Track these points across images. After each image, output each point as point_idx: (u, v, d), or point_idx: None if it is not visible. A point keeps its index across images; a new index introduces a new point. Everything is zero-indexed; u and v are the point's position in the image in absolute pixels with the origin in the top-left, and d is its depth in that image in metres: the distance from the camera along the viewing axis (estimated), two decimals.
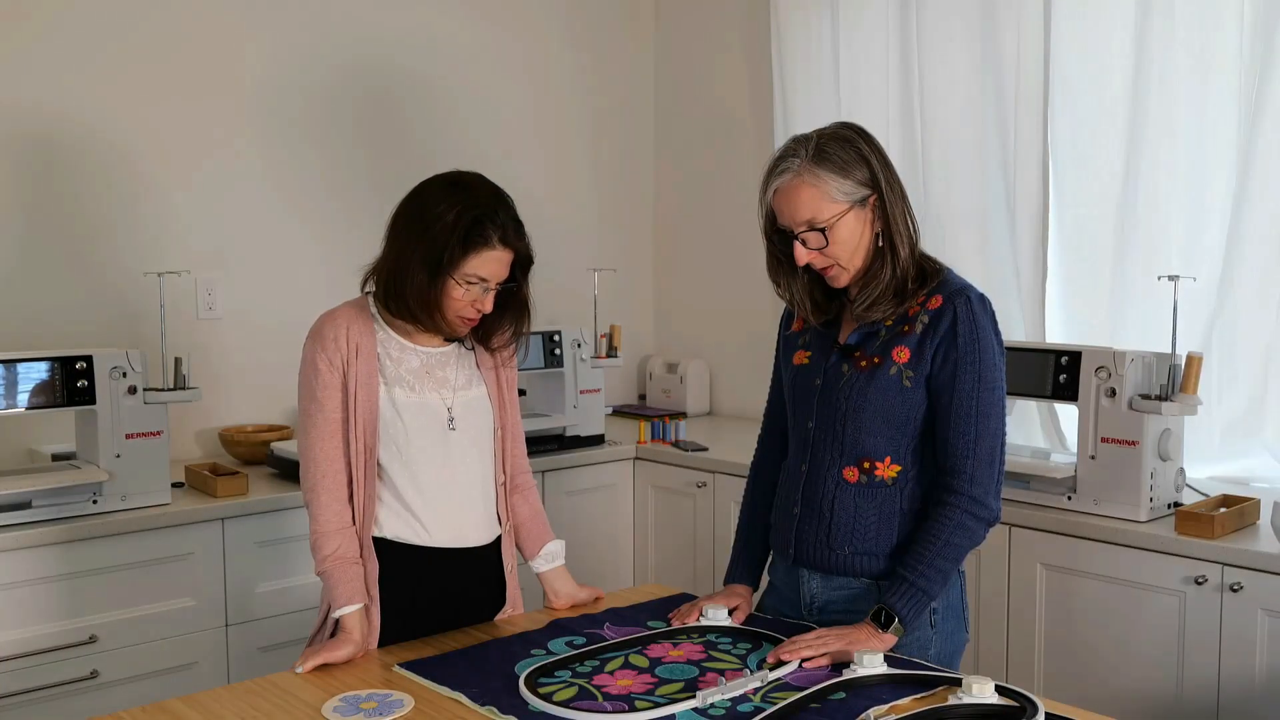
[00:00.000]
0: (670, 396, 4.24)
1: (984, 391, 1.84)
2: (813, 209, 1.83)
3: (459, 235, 1.90)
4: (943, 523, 1.84)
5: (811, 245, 1.85)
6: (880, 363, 1.87)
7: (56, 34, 3.12)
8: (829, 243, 1.84)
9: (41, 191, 3.13)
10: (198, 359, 3.17)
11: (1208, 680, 2.43)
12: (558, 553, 2.16)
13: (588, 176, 4.29)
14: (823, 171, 1.83)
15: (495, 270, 1.95)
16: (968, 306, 1.85)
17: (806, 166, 1.83)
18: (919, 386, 1.86)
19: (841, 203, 1.83)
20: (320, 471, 1.96)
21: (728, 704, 1.64)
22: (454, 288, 1.93)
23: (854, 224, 1.85)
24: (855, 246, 1.86)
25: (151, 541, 2.70)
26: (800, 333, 2.02)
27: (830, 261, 1.87)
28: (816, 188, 1.83)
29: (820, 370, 1.94)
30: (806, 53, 3.77)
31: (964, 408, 1.84)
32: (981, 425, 1.84)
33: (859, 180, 1.84)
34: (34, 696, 2.56)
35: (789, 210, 1.85)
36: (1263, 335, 2.88)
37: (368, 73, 3.68)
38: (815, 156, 1.84)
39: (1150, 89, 2.99)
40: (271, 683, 1.79)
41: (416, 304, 1.94)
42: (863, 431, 1.88)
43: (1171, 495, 2.64)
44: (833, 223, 1.83)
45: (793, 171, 1.84)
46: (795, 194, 1.84)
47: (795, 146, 1.87)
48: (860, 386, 1.88)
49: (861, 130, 1.90)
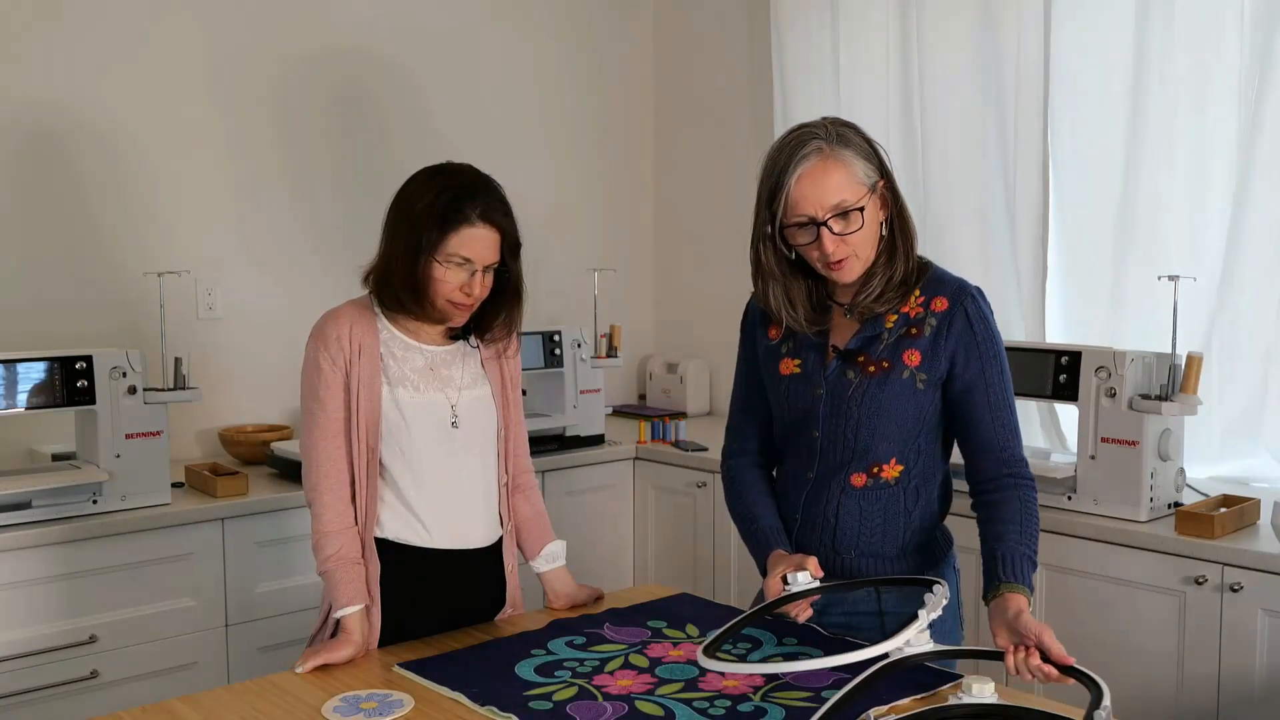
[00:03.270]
0: (670, 396, 4.24)
1: (1006, 380, 1.89)
2: (844, 190, 1.77)
3: (436, 214, 1.90)
4: (1024, 501, 1.87)
5: (838, 231, 1.78)
6: (891, 367, 1.85)
7: (57, 34, 3.12)
8: (863, 224, 1.79)
9: (41, 192, 3.13)
10: (198, 359, 3.17)
11: (1208, 680, 2.43)
12: (558, 553, 2.16)
13: (588, 176, 4.29)
14: (847, 153, 1.79)
15: (479, 251, 1.93)
16: (975, 305, 1.86)
17: (832, 148, 1.78)
18: (931, 388, 1.86)
19: (865, 185, 1.80)
20: (322, 471, 1.96)
21: (728, 703, 1.64)
22: (437, 269, 1.92)
23: (874, 210, 1.82)
24: (873, 235, 1.84)
25: (151, 541, 2.70)
26: (782, 340, 1.96)
27: (849, 251, 1.80)
28: (847, 169, 1.78)
29: (820, 378, 1.89)
30: (806, 53, 3.77)
31: (998, 399, 1.87)
32: (1010, 410, 1.89)
33: (874, 165, 1.83)
34: (34, 696, 2.56)
35: (818, 194, 1.77)
36: (1263, 335, 2.88)
37: (368, 72, 3.68)
38: (838, 139, 1.79)
39: (1150, 89, 2.99)
40: (271, 683, 1.79)
41: (403, 289, 1.94)
42: (876, 437, 1.87)
43: (1171, 495, 2.64)
44: (863, 205, 1.79)
45: (821, 154, 1.77)
46: (826, 176, 1.77)
47: (811, 131, 1.80)
48: (873, 393, 1.85)
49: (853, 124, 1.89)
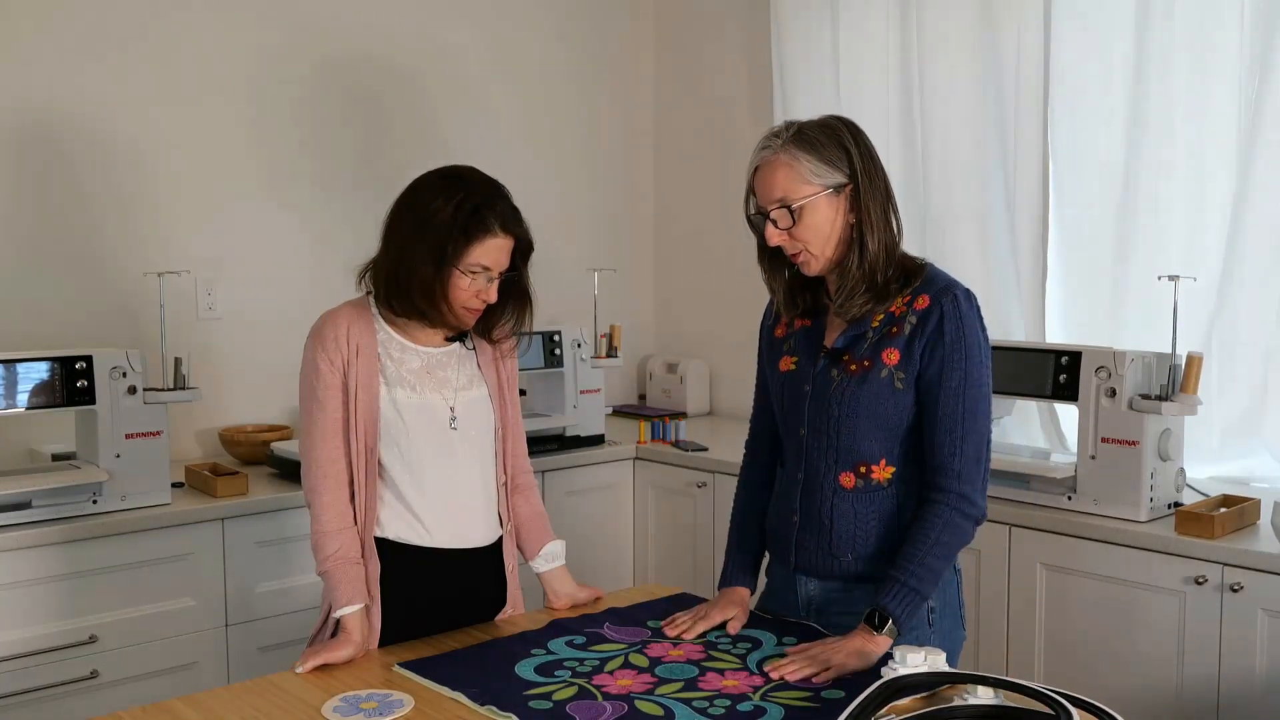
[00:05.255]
0: (670, 396, 4.24)
1: (970, 389, 1.84)
2: (785, 188, 1.85)
3: (460, 225, 1.92)
4: (932, 521, 1.83)
5: (781, 225, 1.86)
6: (871, 366, 1.86)
7: (57, 34, 3.12)
8: (796, 223, 1.85)
9: (42, 192, 3.13)
10: (198, 359, 3.17)
11: (1208, 680, 2.43)
12: (558, 553, 2.16)
13: (588, 176, 4.29)
14: (800, 152, 1.85)
15: (497, 258, 1.97)
16: (954, 304, 1.84)
17: (785, 147, 1.86)
18: (910, 388, 1.86)
19: (814, 185, 1.84)
20: (322, 472, 1.96)
21: (727, 703, 1.64)
22: (459, 278, 1.94)
23: (825, 209, 1.85)
24: (827, 234, 1.86)
25: (151, 541, 2.70)
26: (785, 338, 2.01)
27: (800, 247, 1.87)
28: (791, 167, 1.85)
29: (809, 376, 1.93)
30: (806, 53, 3.77)
31: (951, 406, 1.83)
32: (968, 423, 1.84)
33: (836, 167, 1.85)
34: (34, 696, 2.56)
35: (764, 189, 1.87)
36: (1263, 335, 2.88)
37: (367, 73, 3.68)
38: (795, 138, 1.86)
39: (1150, 89, 2.99)
40: (271, 683, 1.79)
41: (423, 298, 1.95)
42: (857, 436, 1.88)
43: (1172, 495, 2.64)
44: (802, 204, 1.84)
45: (772, 150, 1.87)
46: (771, 172, 1.86)
47: (780, 129, 1.89)
48: (852, 391, 1.87)
49: (849, 123, 1.91)
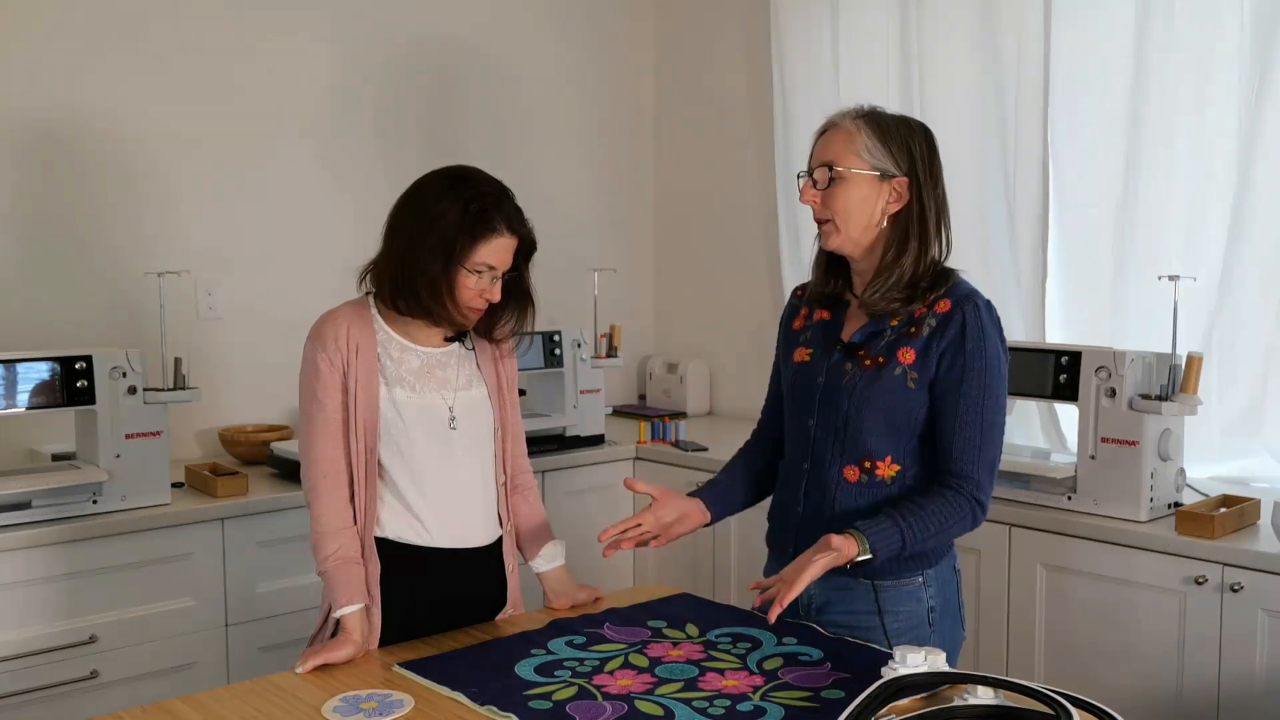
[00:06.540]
0: (670, 396, 4.24)
1: (989, 400, 1.85)
2: (835, 152, 1.87)
3: (468, 224, 1.94)
4: (948, 501, 1.83)
5: (818, 185, 1.88)
6: (885, 363, 1.87)
7: (58, 35, 3.12)
8: (831, 184, 1.86)
9: (42, 191, 3.13)
10: (198, 359, 3.17)
11: (1208, 680, 2.43)
12: (558, 553, 2.16)
13: (588, 176, 4.29)
14: (865, 128, 1.88)
15: (503, 258, 1.99)
16: (976, 314, 1.85)
17: (854, 119, 1.89)
18: (922, 389, 1.87)
19: (864, 161, 1.86)
20: (321, 471, 1.97)
21: (727, 703, 1.64)
22: (466, 277, 1.96)
23: (865, 189, 1.87)
24: (860, 214, 1.87)
25: (151, 541, 2.70)
26: (803, 330, 2.03)
27: (829, 215, 1.89)
28: (851, 137, 1.87)
29: (822, 368, 1.94)
30: (806, 52, 3.77)
31: (970, 416, 1.84)
32: (987, 434, 1.85)
33: (893, 157, 1.87)
34: (34, 696, 2.56)
35: (820, 148, 1.91)
36: (1263, 335, 2.88)
37: (366, 73, 3.68)
38: (867, 116, 1.90)
39: (1150, 89, 2.99)
40: (271, 683, 1.78)
41: (430, 297, 1.96)
42: (864, 431, 1.88)
43: (1171, 495, 2.64)
44: (845, 173, 1.86)
45: (839, 119, 1.91)
46: (832, 135, 1.90)
47: (859, 106, 1.93)
48: (864, 386, 1.88)
49: (926, 130, 1.93)
